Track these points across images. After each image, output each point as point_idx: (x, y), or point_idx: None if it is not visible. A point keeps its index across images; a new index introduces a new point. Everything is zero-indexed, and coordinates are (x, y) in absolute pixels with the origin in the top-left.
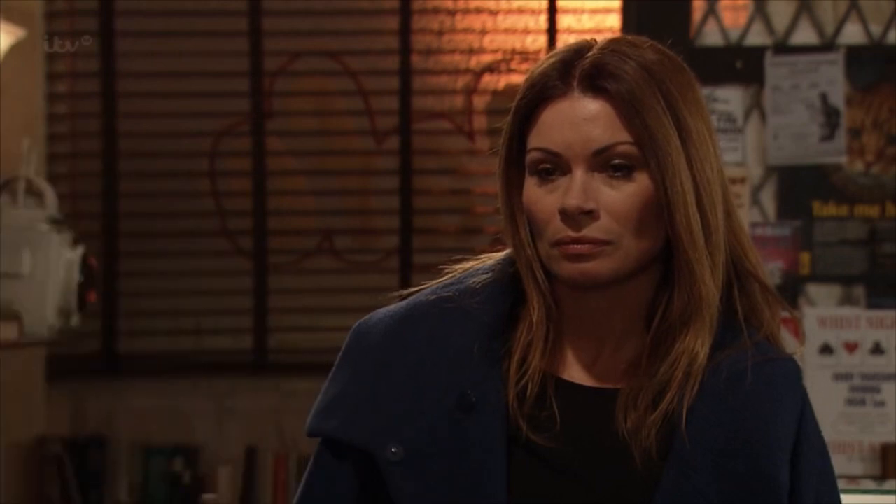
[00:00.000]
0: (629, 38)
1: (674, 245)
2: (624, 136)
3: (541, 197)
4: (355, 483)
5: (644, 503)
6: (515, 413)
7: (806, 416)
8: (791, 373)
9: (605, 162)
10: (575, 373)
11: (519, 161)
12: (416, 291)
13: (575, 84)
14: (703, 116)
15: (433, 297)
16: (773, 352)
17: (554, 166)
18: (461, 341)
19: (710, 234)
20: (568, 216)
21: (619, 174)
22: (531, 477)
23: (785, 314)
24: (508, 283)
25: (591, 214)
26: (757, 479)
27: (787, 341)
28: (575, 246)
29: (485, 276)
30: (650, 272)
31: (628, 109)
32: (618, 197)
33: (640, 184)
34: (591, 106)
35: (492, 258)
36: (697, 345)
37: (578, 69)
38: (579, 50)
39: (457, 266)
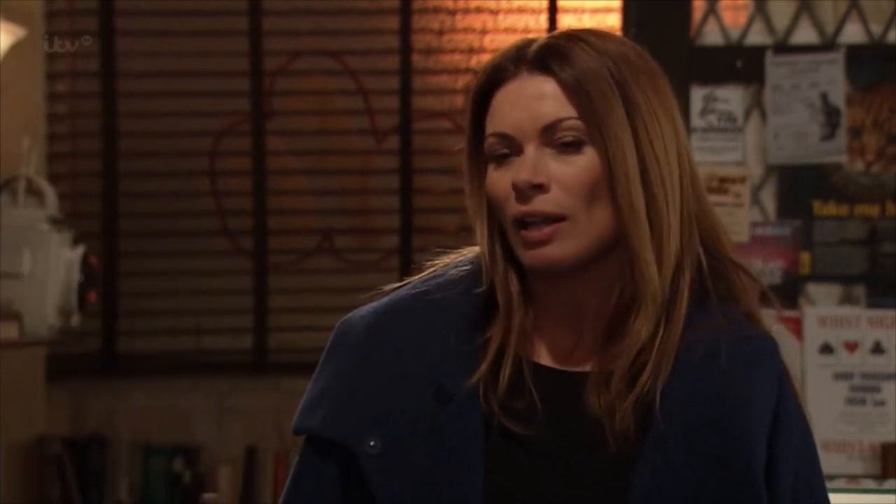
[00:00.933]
0: (593, 29)
1: (618, 219)
2: (570, 111)
3: (497, 180)
4: (340, 479)
5: (622, 484)
6: (492, 402)
7: (784, 393)
8: (768, 350)
9: (554, 137)
10: (552, 358)
11: (481, 152)
12: (398, 287)
13: (524, 66)
14: (660, 100)
15: (414, 291)
16: (750, 329)
17: (509, 148)
18: (439, 334)
19: (656, 210)
20: (519, 191)
21: (569, 149)
22: (509, 464)
23: (775, 312)
24: (487, 279)
25: (541, 188)
26: (733, 457)
27: (767, 317)
28: (532, 232)
29: (464, 269)
30: (617, 255)
31: (573, 85)
32: (568, 171)
33: (589, 158)
34: (538, 84)
35: (472, 251)
36: (643, 325)
37: (529, 52)
38: (534, 39)
39: (438, 261)
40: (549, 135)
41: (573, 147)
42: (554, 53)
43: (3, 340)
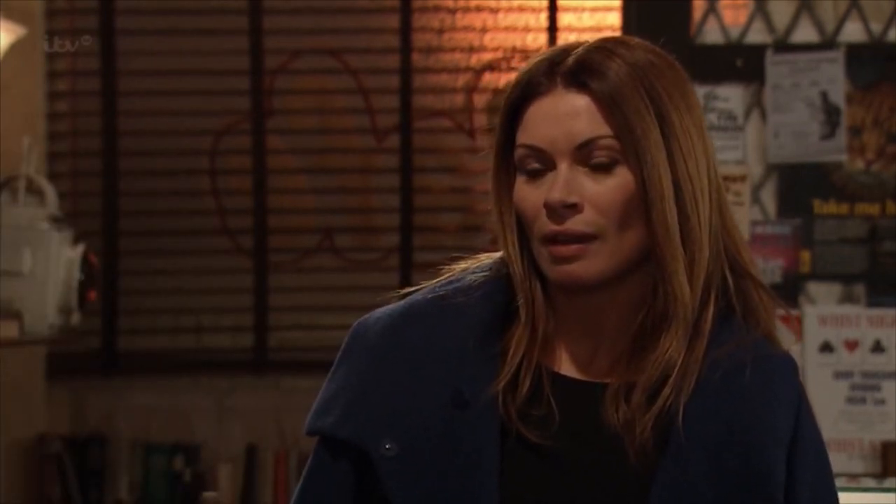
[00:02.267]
0: (622, 38)
1: (651, 239)
2: (605, 130)
3: (528, 193)
4: (352, 481)
5: (639, 497)
6: (509, 409)
7: (802, 412)
8: (788, 369)
9: (588, 156)
10: (571, 368)
11: (509, 161)
12: (415, 291)
13: (559, 80)
14: (691, 115)
15: (431, 295)
16: (770, 348)
17: (540, 163)
18: (457, 339)
19: (689, 229)
20: (552, 210)
21: (602, 168)
22: (525, 472)
23: (781, 312)
24: (505, 281)
25: (574, 208)
26: (752, 475)
27: (785, 337)
28: (560, 247)
29: (482, 275)
30: (644, 269)
31: (609, 103)
32: (601, 190)
33: (623, 177)
34: (573, 101)
35: (490, 257)
36: (671, 343)
37: (563, 66)
38: (566, 49)
39: (454, 266)
40: (583, 153)
41: (607, 166)
42: (589, 69)
43: (4, 339)
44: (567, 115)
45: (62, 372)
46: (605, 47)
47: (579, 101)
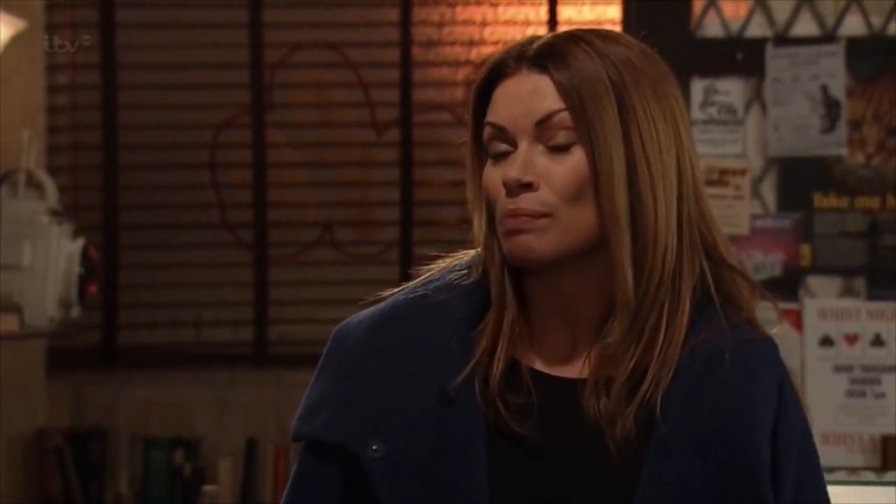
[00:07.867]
0: (602, 30)
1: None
2: (562, 106)
3: (492, 174)
4: (340, 485)
5: (628, 490)
6: (495, 405)
7: (785, 394)
8: (769, 352)
9: (547, 135)
10: (548, 364)
11: (482, 145)
12: (396, 292)
13: (525, 62)
14: (660, 104)
15: (411, 295)
16: (750, 333)
17: (505, 143)
18: (440, 337)
19: (641, 215)
20: (508, 188)
21: (560, 148)
22: (513, 467)
23: (768, 303)
24: (484, 277)
25: (529, 187)
26: (737, 462)
27: (768, 321)
28: (511, 220)
29: (462, 272)
30: (606, 257)
31: (568, 85)
32: (556, 169)
33: (579, 158)
34: (535, 81)
35: (468, 254)
36: (612, 331)
37: (530, 50)
38: (540, 36)
39: (434, 265)
40: (542, 131)
41: (564, 146)
42: (553, 53)
43: (4, 333)
44: (528, 93)
45: (62, 366)
46: (576, 35)
47: (540, 83)
